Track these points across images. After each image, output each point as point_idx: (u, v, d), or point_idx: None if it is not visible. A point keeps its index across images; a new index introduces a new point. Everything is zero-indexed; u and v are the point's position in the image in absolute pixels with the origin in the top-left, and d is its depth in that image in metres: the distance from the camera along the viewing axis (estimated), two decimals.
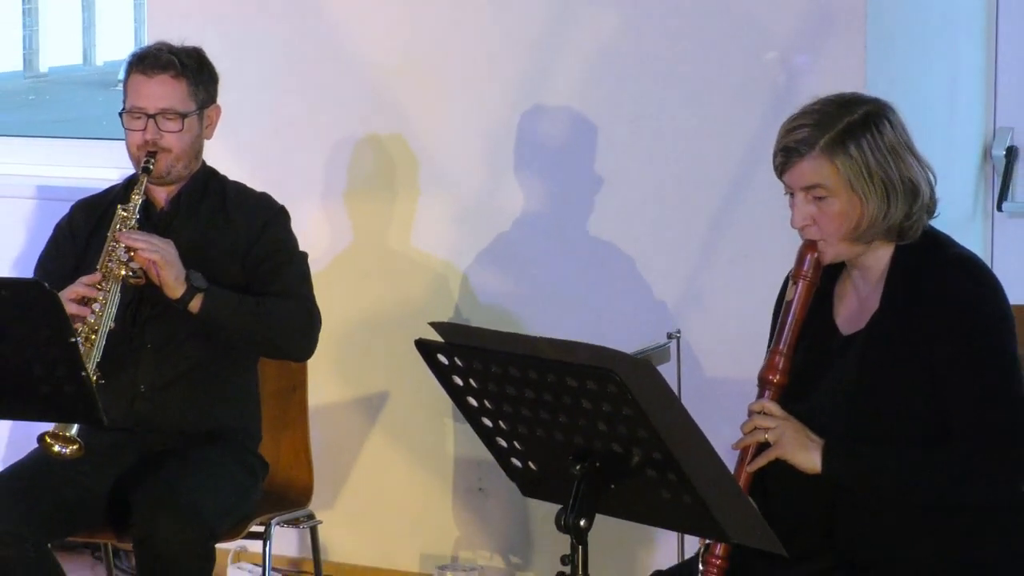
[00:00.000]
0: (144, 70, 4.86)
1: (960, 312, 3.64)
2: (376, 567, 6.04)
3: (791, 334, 3.73)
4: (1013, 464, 3.63)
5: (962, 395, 3.62)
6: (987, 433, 3.61)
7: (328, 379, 5.83)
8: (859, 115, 3.70)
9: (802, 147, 3.68)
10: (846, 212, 3.68)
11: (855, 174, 3.66)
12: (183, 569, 4.62)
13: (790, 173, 3.71)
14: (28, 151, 6.99)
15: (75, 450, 4.52)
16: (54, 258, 4.96)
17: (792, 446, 3.65)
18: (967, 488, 3.63)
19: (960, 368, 3.62)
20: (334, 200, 6.02)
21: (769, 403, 3.69)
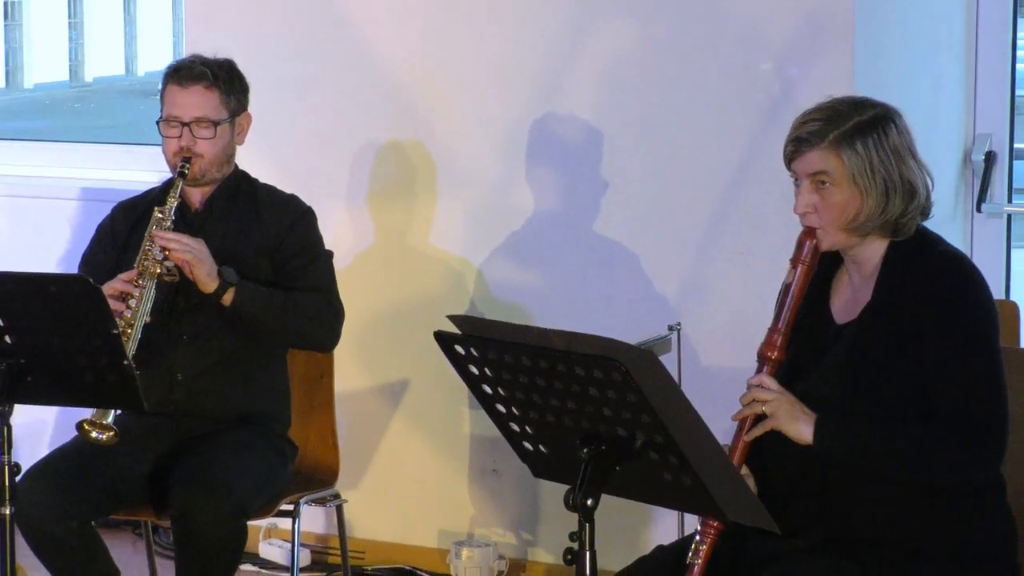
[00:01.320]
0: (179, 81, 4.87)
1: (947, 306, 3.65)
2: (397, 543, 6.04)
3: (789, 314, 3.72)
4: (991, 446, 3.63)
5: (947, 382, 3.62)
6: (969, 417, 3.61)
7: (353, 368, 5.83)
8: (868, 116, 3.72)
9: (813, 138, 3.69)
10: (846, 203, 3.69)
11: (858, 169, 3.67)
12: (217, 544, 4.63)
13: (799, 161, 3.73)
14: (73, 156, 6.99)
15: (110, 436, 4.53)
16: (96, 255, 4.97)
17: (787, 418, 3.65)
18: (948, 466, 3.63)
19: (946, 358, 3.62)
20: (358, 201, 6.01)
21: (767, 378, 3.70)
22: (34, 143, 7.19)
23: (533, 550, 5.89)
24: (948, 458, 3.63)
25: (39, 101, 17.23)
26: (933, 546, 3.68)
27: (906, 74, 5.64)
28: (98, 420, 4.53)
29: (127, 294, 4.63)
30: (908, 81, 5.64)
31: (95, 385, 4.23)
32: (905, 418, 3.65)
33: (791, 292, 3.74)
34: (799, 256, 3.74)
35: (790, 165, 3.76)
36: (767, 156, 5.34)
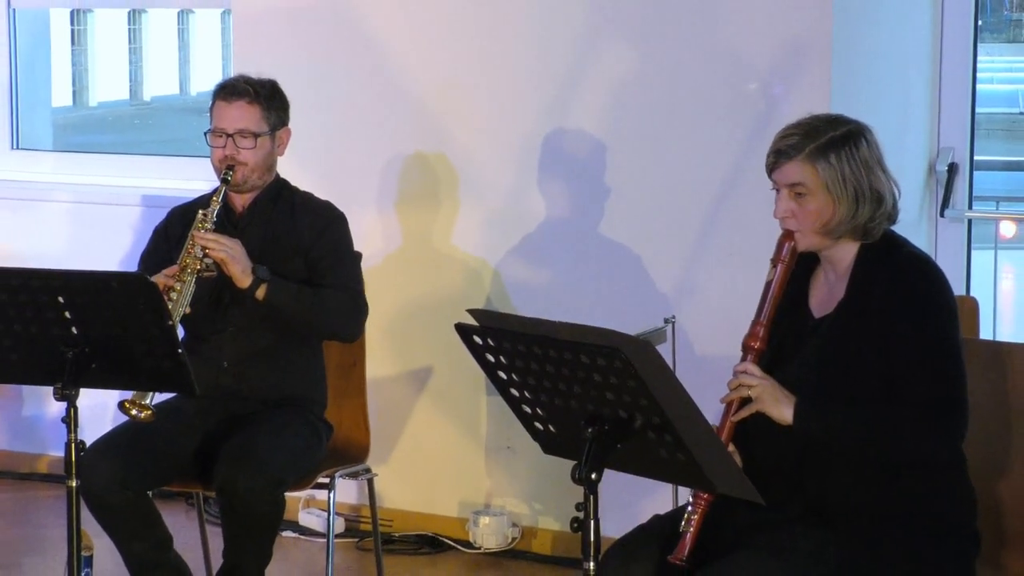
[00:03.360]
0: (225, 97, 4.88)
1: (913, 302, 3.65)
2: (422, 512, 6.03)
3: (770, 308, 3.73)
4: (953, 425, 3.63)
5: (912, 370, 3.62)
6: (933, 400, 3.61)
7: (383, 356, 5.82)
8: (842, 132, 3.72)
9: (791, 151, 3.70)
10: (821, 210, 3.70)
11: (832, 179, 3.68)
12: (257, 512, 4.63)
13: (778, 172, 3.74)
14: (134, 166, 6.99)
15: (148, 415, 4.54)
16: (153, 255, 4.97)
17: (769, 401, 3.65)
18: (914, 443, 3.63)
19: (911, 348, 3.62)
20: (387, 207, 6.01)
21: (751, 365, 3.70)
22: (99, 155, 7.19)
23: (543, 518, 5.88)
24: (913, 436, 3.63)
25: (103, 118, 17.24)
26: (902, 516, 3.67)
27: (878, 92, 5.63)
28: (137, 400, 4.54)
29: (169, 287, 4.64)
30: (879, 98, 5.63)
31: (151, 371, 4.23)
32: (875, 401, 3.65)
33: (772, 288, 3.75)
34: (779, 256, 3.76)
35: (771, 175, 3.76)
36: (754, 166, 5.32)
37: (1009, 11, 14.55)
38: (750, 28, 5.42)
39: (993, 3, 12.89)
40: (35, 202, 6.85)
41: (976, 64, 5.78)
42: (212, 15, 17.04)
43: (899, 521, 3.67)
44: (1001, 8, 13.97)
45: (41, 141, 7.32)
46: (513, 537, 5.88)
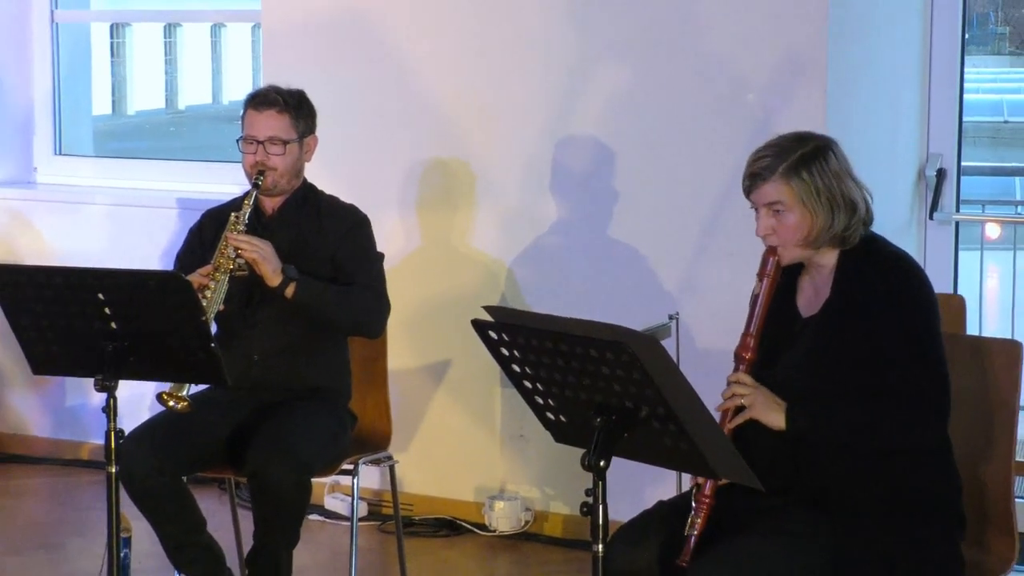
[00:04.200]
0: (255, 106, 4.89)
1: (894, 298, 3.66)
2: (440, 497, 6.04)
3: (759, 320, 3.74)
4: (935, 414, 3.65)
5: (896, 363, 3.62)
6: (914, 392, 3.62)
7: (404, 350, 5.83)
8: (810, 148, 3.73)
9: (765, 173, 3.71)
10: (800, 224, 3.71)
11: (807, 193, 3.69)
12: (285, 497, 4.63)
13: (756, 193, 3.74)
14: (169, 171, 7.01)
15: (184, 406, 4.54)
16: (188, 254, 4.98)
17: (762, 408, 3.66)
18: (899, 432, 3.64)
19: (894, 341, 3.63)
20: (408, 210, 6.01)
21: (743, 375, 3.70)
22: (136, 161, 7.21)
23: (554, 503, 5.89)
24: (898, 425, 3.64)
25: (140, 125, 17.25)
26: (893, 500, 3.67)
27: (870, 102, 5.63)
28: (174, 392, 4.54)
29: (204, 286, 4.64)
30: (872, 108, 5.63)
31: (186, 364, 4.24)
32: (861, 393, 3.65)
33: (759, 301, 3.75)
34: (764, 270, 3.77)
35: (748, 196, 3.77)
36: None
37: (994, 25, 14.53)
38: (750, 44, 5.42)
39: (979, 18, 12.87)
40: (77, 204, 6.87)
41: (963, 75, 5.78)
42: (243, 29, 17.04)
43: (889, 505, 3.67)
44: (987, 22, 13.95)
45: (82, 147, 7.34)
46: (526, 521, 5.89)
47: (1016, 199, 9.39)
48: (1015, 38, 15.62)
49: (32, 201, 6.95)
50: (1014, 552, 3.93)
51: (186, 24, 18.81)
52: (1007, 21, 15.04)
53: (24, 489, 6.55)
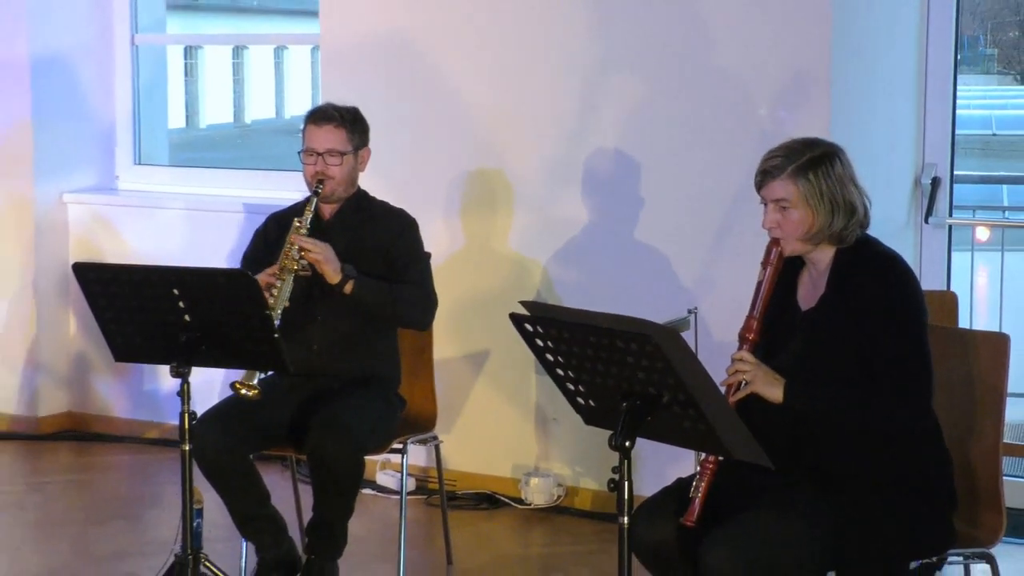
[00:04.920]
0: (315, 121, 4.89)
1: (884, 294, 3.66)
2: (481, 473, 6.04)
3: (762, 304, 3.74)
4: (919, 399, 3.64)
5: (884, 353, 3.62)
6: (901, 380, 3.62)
7: (448, 341, 5.83)
8: (819, 153, 3.73)
9: (775, 171, 3.72)
10: (802, 220, 3.71)
11: (811, 193, 3.69)
12: (341, 473, 4.64)
13: (765, 189, 3.75)
14: (237, 180, 7.02)
15: (255, 393, 4.55)
16: (253, 254, 4.98)
17: (762, 383, 3.65)
18: (885, 415, 3.64)
19: (884, 333, 3.63)
20: (452, 214, 6.02)
21: (746, 353, 3.70)
22: (207, 170, 7.22)
23: (584, 479, 5.88)
24: (885, 409, 3.64)
25: (210, 138, 17.30)
26: (888, 478, 3.67)
27: (871, 116, 5.61)
28: (246, 381, 4.55)
29: (271, 284, 4.65)
30: (872, 121, 5.61)
31: (252, 353, 4.26)
32: (853, 379, 3.65)
33: (762, 287, 3.75)
34: (767, 260, 3.77)
35: (759, 191, 3.77)
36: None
37: (984, 47, 14.51)
38: (761, 62, 5.41)
39: (970, 40, 12.83)
40: (153, 209, 6.89)
41: (955, 92, 5.75)
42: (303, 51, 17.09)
43: (885, 482, 3.67)
44: (976, 44, 13.93)
45: (159, 157, 7.36)
46: (558, 495, 5.88)
47: (1004, 205, 9.35)
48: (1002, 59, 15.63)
49: (114, 206, 6.97)
50: (1001, 526, 3.91)
51: (252, 47, 18.88)
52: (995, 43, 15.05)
53: (106, 465, 6.57)
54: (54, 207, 6.96)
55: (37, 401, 6.97)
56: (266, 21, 18.37)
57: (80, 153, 7.06)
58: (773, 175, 3.72)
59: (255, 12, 18.11)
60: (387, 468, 6.10)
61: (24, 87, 6.86)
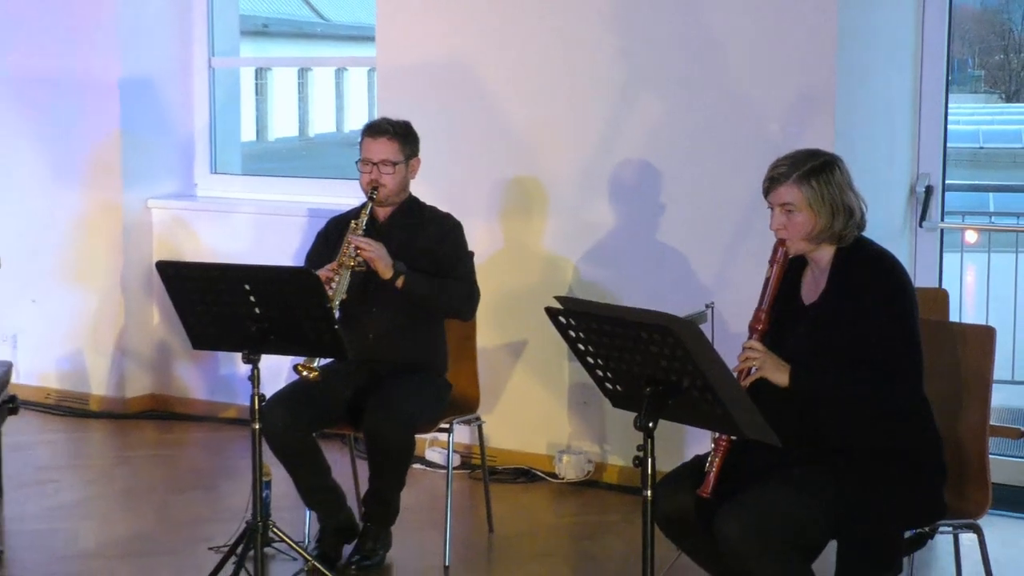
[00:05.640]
0: (372, 134, 4.89)
1: (879, 288, 3.66)
2: (519, 451, 6.03)
3: (769, 297, 3.74)
4: (910, 383, 3.64)
5: (879, 340, 3.62)
6: (894, 363, 3.62)
7: (490, 331, 5.83)
8: (820, 162, 3.74)
9: (782, 178, 3.73)
10: (806, 223, 3.71)
11: (813, 198, 3.70)
12: (394, 450, 4.65)
13: (773, 194, 3.76)
14: (301, 187, 7.04)
15: (315, 376, 4.56)
16: (315, 253, 4.99)
17: (771, 369, 3.65)
18: (880, 391, 3.63)
19: (878, 323, 3.62)
20: (493, 218, 6.01)
21: (756, 343, 3.70)
22: (275, 178, 7.24)
23: (611, 456, 5.87)
24: (880, 390, 3.63)
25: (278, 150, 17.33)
26: (884, 454, 3.66)
27: (871, 131, 5.58)
28: (307, 364, 4.56)
29: (330, 279, 4.66)
30: (872, 136, 5.58)
31: (314, 342, 4.27)
32: (851, 364, 3.64)
33: (770, 283, 3.76)
34: (774, 258, 3.77)
35: (766, 197, 3.78)
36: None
37: (972, 69, 14.48)
38: (772, 82, 5.39)
39: (959, 63, 12.80)
40: (227, 213, 6.91)
41: (947, 109, 5.73)
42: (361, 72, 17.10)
43: (882, 458, 3.66)
44: (966, 67, 13.89)
45: (233, 167, 7.38)
46: (588, 471, 5.87)
47: (990, 211, 9.30)
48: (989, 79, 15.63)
49: (192, 210, 6.99)
50: (988, 500, 3.91)
51: (315, 68, 18.92)
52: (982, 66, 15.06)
53: (185, 441, 6.60)
54: (140, 211, 6.99)
55: (125, 384, 7.00)
56: (328, 46, 18.38)
57: (163, 163, 7.09)
58: (780, 182, 3.73)
59: (318, 37, 18.13)
60: (435, 445, 6.10)
61: (114, 104, 6.89)
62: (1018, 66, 15.32)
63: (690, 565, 3.95)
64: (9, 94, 7.10)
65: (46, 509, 5.52)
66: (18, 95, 7.08)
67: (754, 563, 3.55)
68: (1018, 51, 15.03)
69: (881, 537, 3.63)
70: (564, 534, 5.33)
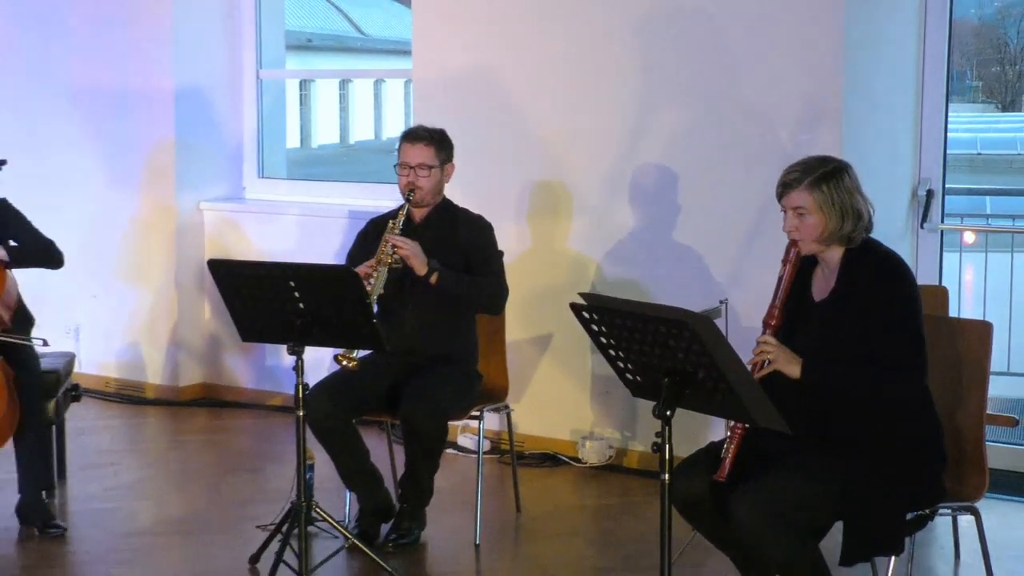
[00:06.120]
0: (409, 140, 4.89)
1: (886, 288, 3.65)
2: (544, 436, 6.02)
3: (782, 294, 3.74)
4: (913, 377, 3.64)
5: (885, 335, 3.61)
6: (898, 358, 3.61)
7: (518, 325, 5.82)
8: (830, 168, 3.73)
9: (794, 183, 3.72)
10: (816, 225, 3.71)
11: (823, 202, 3.69)
12: (428, 436, 4.65)
13: (786, 198, 3.75)
14: (342, 190, 7.03)
15: (354, 365, 4.57)
16: (356, 252, 4.99)
17: (783, 362, 3.65)
18: (886, 389, 3.63)
19: (884, 320, 3.61)
20: (521, 219, 6.01)
21: (769, 337, 3.70)
22: (318, 183, 7.24)
23: (632, 443, 5.86)
24: (884, 384, 3.62)
25: (321, 156, 17.36)
26: (888, 442, 3.65)
27: (875, 138, 5.55)
28: (347, 354, 4.57)
29: (368, 275, 4.66)
30: (877, 143, 5.56)
31: (355, 334, 4.27)
32: (859, 359, 3.62)
33: (783, 281, 3.75)
34: (787, 258, 3.77)
35: (780, 201, 3.78)
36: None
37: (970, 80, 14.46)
38: (783, 92, 5.38)
39: (958, 74, 12.76)
40: (274, 215, 6.92)
41: (947, 118, 5.70)
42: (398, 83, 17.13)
43: (886, 445, 3.65)
44: (964, 78, 13.87)
45: (279, 172, 7.39)
46: (610, 456, 5.86)
47: (987, 213, 9.25)
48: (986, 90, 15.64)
49: (241, 212, 7.01)
50: (985, 484, 3.91)
51: (355, 80, 18.97)
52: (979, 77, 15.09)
53: (235, 427, 6.61)
54: (192, 213, 7.00)
55: (178, 374, 7.02)
56: (367, 59, 18.41)
57: (214, 168, 7.10)
58: (792, 187, 3.72)
59: (358, 51, 18.15)
60: (467, 432, 6.10)
61: (169, 113, 6.91)
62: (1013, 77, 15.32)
63: (704, 545, 3.94)
64: (72, 105, 7.14)
65: (106, 490, 5.54)
66: (81, 106, 7.11)
67: (766, 543, 3.55)
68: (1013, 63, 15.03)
69: (884, 519, 3.61)
70: (587, 515, 5.32)
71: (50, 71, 7.17)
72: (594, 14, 5.78)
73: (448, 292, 4.78)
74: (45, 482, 5.10)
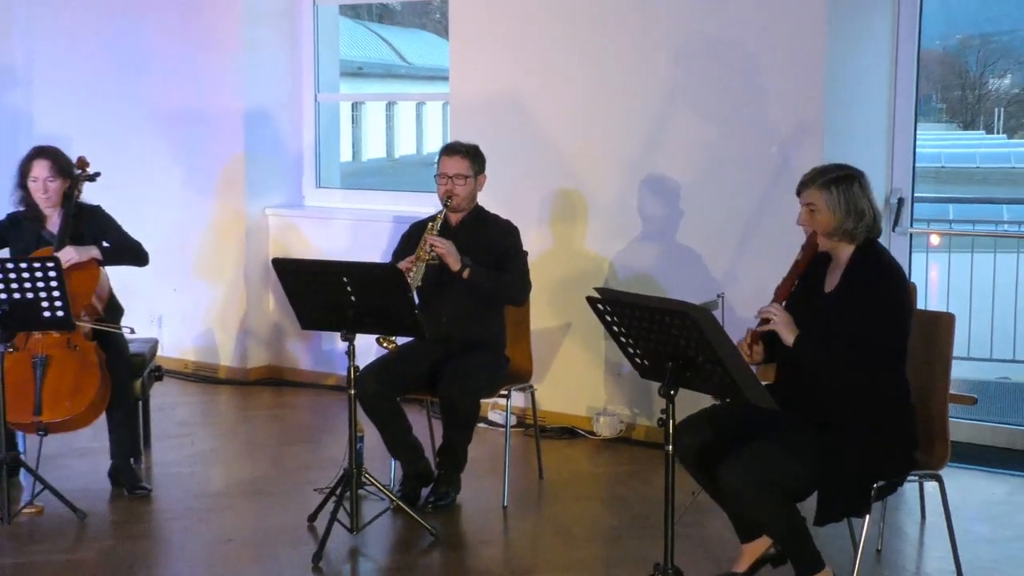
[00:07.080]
0: (447, 153, 4.89)
1: (883, 290, 3.63)
2: (563, 412, 6.00)
3: (796, 271, 3.73)
4: (894, 367, 3.63)
5: (875, 329, 3.58)
6: (882, 348, 3.59)
7: (541, 315, 5.80)
8: (843, 173, 3.74)
9: (810, 183, 3.74)
10: (823, 221, 3.70)
11: (830, 201, 3.69)
12: (463, 411, 4.66)
13: (802, 195, 3.76)
14: (388, 199, 7.03)
15: (392, 347, 4.59)
16: (400, 251, 4.99)
17: (782, 326, 3.64)
18: (867, 374, 3.60)
19: (876, 316, 3.59)
20: (544, 223, 5.99)
21: (776, 304, 3.69)
22: (368, 192, 7.24)
23: (640, 418, 5.84)
24: (866, 370, 3.59)
25: (370, 168, 17.40)
26: (867, 420, 3.63)
27: (853, 151, 5.49)
28: (387, 338, 4.58)
29: (408, 269, 4.66)
30: (853, 155, 5.44)
31: (398, 324, 4.27)
32: (849, 346, 3.59)
33: (798, 262, 3.75)
34: (807, 243, 3.75)
35: (798, 196, 3.77)
36: (775, 199, 5.26)
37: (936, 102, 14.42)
38: (774, 112, 5.35)
39: (926, 97, 12.71)
40: (329, 220, 6.93)
41: (915, 135, 5.67)
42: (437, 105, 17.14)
43: (865, 423, 3.63)
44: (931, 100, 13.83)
45: (334, 182, 7.40)
46: (621, 429, 5.84)
47: (950, 219, 9.23)
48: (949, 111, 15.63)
49: (301, 217, 7.02)
50: (947, 454, 3.89)
51: (400, 102, 19.00)
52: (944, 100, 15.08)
53: (295, 404, 6.62)
54: (259, 218, 7.02)
55: (246, 357, 7.03)
56: (411, 84, 18.44)
57: (277, 179, 7.12)
58: (808, 185, 3.74)
59: (403, 77, 18.19)
60: (496, 408, 6.09)
61: (239, 130, 6.92)
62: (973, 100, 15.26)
63: (702, 507, 3.93)
64: (156, 124, 7.16)
65: (184, 457, 5.55)
66: (161, 124, 7.14)
67: (751, 505, 3.56)
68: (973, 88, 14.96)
69: (854, 488, 3.61)
70: (601, 481, 5.31)
71: (138, 95, 7.20)
72: (605, 46, 5.76)
73: (479, 286, 4.78)
74: (133, 450, 5.12)
